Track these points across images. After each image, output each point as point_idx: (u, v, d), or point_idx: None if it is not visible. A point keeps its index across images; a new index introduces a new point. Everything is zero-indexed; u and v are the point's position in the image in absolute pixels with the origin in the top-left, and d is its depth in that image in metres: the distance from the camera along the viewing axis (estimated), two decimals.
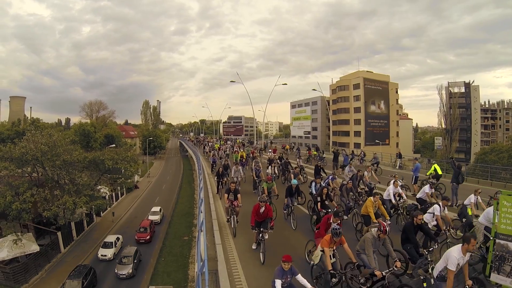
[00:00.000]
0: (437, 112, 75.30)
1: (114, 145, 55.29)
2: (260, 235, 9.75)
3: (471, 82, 75.05)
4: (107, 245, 27.71)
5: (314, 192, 13.19)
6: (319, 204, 11.48)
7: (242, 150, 32.20)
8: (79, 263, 24.33)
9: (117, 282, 23.37)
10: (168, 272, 25.15)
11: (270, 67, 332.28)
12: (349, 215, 12.35)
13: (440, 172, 17.43)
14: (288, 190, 13.12)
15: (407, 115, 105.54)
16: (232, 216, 11.87)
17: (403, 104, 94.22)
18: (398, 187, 12.94)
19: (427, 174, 17.94)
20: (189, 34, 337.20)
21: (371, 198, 10.57)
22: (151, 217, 35.89)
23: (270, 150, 35.59)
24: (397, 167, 28.26)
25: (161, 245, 30.79)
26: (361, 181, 15.85)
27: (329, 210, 11.10)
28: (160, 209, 39.39)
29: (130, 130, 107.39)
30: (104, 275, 24.23)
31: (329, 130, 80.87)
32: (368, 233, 8.03)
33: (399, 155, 30.13)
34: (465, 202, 11.14)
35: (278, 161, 24.38)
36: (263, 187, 14.71)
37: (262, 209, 10.04)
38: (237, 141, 58.50)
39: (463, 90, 74.77)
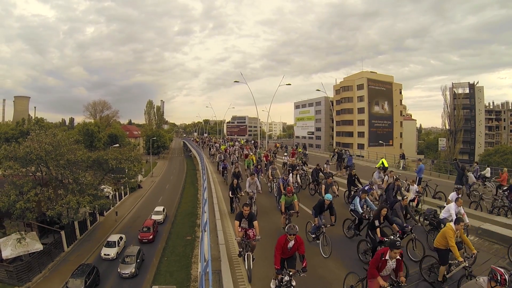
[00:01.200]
0: (441, 113, 74.88)
1: (117, 144, 55.46)
2: (287, 279, 6.90)
3: (475, 83, 74.68)
4: (110, 245, 27.79)
5: (359, 210, 10.66)
6: (378, 230, 8.66)
7: (252, 153, 28.30)
8: (82, 262, 24.44)
9: (120, 281, 23.42)
10: (171, 272, 25.16)
11: (273, 68, 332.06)
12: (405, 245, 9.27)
13: (386, 165, 19.41)
14: (319, 207, 10.33)
15: (411, 116, 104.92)
16: (246, 254, 8.59)
17: (406, 105, 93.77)
18: (461, 206, 9.93)
19: (376, 166, 19.97)
20: (192, 35, 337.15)
21: (451, 225, 7.66)
22: (154, 217, 35.95)
23: (286, 154, 27.93)
24: (401, 168, 28.06)
25: (164, 244, 30.83)
26: (399, 192, 13.09)
27: (390, 237, 8.38)
28: (163, 209, 39.41)
29: (133, 130, 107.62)
30: (107, 274, 24.30)
31: (332, 130, 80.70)
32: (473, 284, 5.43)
33: (403, 156, 29.94)
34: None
35: (302, 167, 20.53)
36: (280, 202, 11.63)
37: (291, 244, 7.19)
38: (241, 141, 57.15)
39: (467, 91, 74.43)
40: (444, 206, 10.34)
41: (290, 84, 43.56)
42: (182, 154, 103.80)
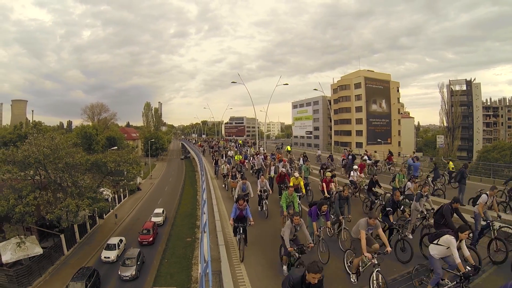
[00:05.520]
0: (438, 111, 75.14)
1: (116, 147, 55.43)
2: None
3: (472, 80, 74.86)
4: (110, 247, 27.77)
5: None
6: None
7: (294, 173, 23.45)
8: (82, 265, 24.37)
9: (121, 284, 23.41)
10: (171, 274, 25.15)
11: (269, 68, 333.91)
12: None
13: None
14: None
15: (409, 113, 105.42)
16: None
17: (404, 102, 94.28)
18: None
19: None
20: (188, 37, 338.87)
21: None
22: (154, 219, 35.96)
23: (355, 168, 19.50)
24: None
25: (164, 246, 30.82)
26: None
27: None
28: (163, 211, 39.40)
29: (132, 132, 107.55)
30: (108, 277, 24.28)
31: (331, 129, 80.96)
32: None
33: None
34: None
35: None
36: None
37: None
38: (239, 141, 57.71)
39: (464, 88, 74.60)
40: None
41: (287, 84, 43.53)
42: (181, 156, 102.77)
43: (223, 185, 22.14)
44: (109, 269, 25.46)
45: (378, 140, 63.16)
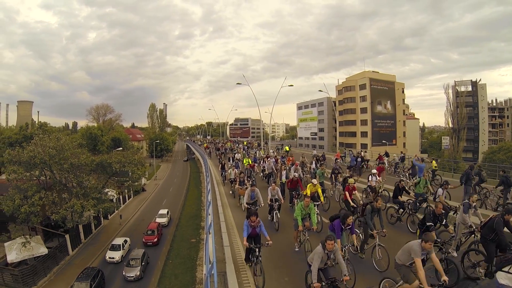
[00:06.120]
0: (444, 112, 74.50)
1: (121, 148, 55.56)
2: None
3: (477, 81, 74.25)
4: (115, 248, 27.81)
5: None
6: None
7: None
8: (87, 266, 24.42)
9: (125, 284, 23.42)
10: (175, 275, 25.12)
11: (274, 69, 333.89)
12: None
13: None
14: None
15: (414, 115, 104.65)
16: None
17: (409, 104, 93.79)
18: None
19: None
20: (193, 38, 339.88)
21: None
22: (158, 220, 35.97)
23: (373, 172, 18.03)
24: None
25: (168, 247, 30.80)
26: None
27: None
28: (168, 212, 39.44)
29: (136, 133, 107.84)
30: (112, 278, 24.29)
31: (335, 131, 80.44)
32: None
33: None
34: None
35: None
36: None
37: None
38: (244, 142, 57.34)
39: (470, 88, 73.86)
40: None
41: (292, 85, 43.23)
42: (185, 157, 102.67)
43: (230, 192, 20.28)
44: (114, 270, 25.47)
45: (383, 141, 62.77)
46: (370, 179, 15.75)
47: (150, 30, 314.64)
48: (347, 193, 12.52)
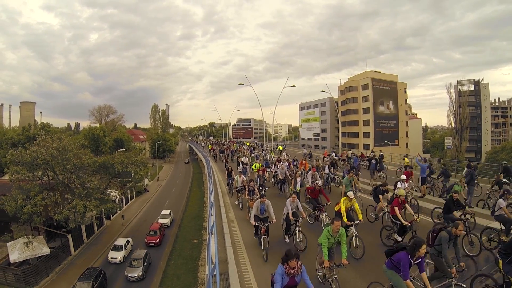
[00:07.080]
0: (446, 111, 74.30)
1: (123, 149, 55.64)
2: None
3: (480, 80, 73.90)
4: (117, 248, 27.86)
5: None
6: None
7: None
8: (89, 266, 24.46)
9: (127, 285, 23.44)
10: (178, 275, 25.12)
11: (276, 70, 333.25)
12: None
13: None
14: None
15: (416, 115, 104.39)
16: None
17: (411, 103, 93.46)
18: None
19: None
20: (195, 39, 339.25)
21: None
22: (161, 220, 36.01)
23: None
24: None
25: (171, 248, 30.81)
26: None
27: None
28: (170, 212, 39.43)
29: (139, 134, 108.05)
30: (114, 278, 24.33)
31: (338, 131, 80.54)
32: None
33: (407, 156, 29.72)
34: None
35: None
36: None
37: None
38: (246, 143, 57.14)
39: (472, 88, 73.63)
40: None
41: (294, 86, 43.36)
42: (188, 158, 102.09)
43: (236, 202, 17.32)
44: (116, 270, 25.51)
45: (386, 141, 62.61)
46: (399, 186, 12.94)
47: (152, 31, 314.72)
48: (396, 208, 9.62)
